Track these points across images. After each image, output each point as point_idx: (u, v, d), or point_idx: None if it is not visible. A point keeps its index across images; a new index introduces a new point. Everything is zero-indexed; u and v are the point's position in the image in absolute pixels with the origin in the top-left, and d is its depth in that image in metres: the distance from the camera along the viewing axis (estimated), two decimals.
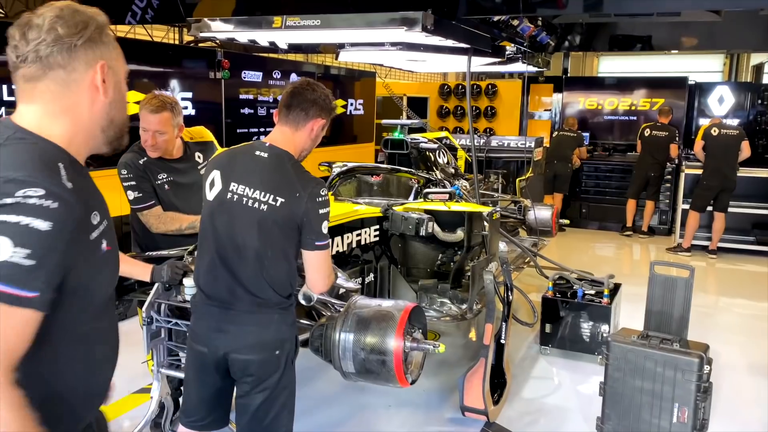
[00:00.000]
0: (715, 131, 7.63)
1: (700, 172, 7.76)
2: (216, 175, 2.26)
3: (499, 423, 3.66)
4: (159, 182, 3.20)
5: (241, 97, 6.28)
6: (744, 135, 7.63)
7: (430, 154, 4.88)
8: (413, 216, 3.65)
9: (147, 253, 2.90)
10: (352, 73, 8.65)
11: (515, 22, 4.15)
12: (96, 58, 1.31)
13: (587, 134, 9.69)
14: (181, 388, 3.51)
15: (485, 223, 3.83)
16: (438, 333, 4.96)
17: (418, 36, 3.26)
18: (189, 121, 5.37)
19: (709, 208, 7.73)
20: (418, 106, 11.57)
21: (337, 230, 3.40)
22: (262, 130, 6.60)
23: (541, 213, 5.64)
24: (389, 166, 4.40)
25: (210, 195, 2.27)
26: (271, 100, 6.72)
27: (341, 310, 2.53)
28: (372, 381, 2.52)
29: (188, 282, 2.57)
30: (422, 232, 3.62)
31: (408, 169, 4.29)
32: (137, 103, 5.07)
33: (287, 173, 2.19)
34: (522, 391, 4.09)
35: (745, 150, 7.53)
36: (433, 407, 3.85)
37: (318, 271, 2.27)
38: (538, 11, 4.27)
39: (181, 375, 2.89)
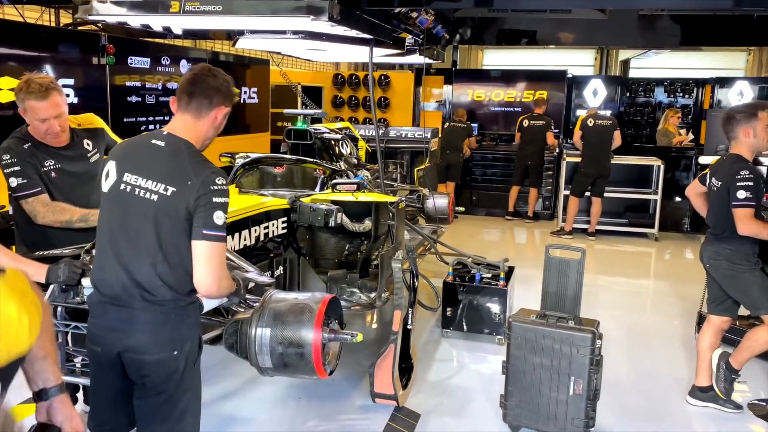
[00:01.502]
0: (591, 122, 8.21)
1: (579, 160, 8.31)
2: (111, 165, 2.16)
3: (408, 407, 3.75)
4: (45, 169, 2.98)
5: (128, 84, 5.93)
6: (616, 125, 8.26)
7: (334, 144, 4.87)
8: (322, 207, 3.64)
9: (39, 252, 2.68)
10: (244, 60, 8.42)
11: (414, 14, 4.23)
12: None
13: (476, 125, 10.07)
14: (76, 395, 3.31)
15: (391, 213, 3.89)
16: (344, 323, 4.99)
17: (323, 25, 3.23)
18: (72, 109, 5.02)
19: (588, 194, 8.31)
20: (312, 95, 11.45)
21: (245, 223, 3.32)
22: (150, 119, 6.28)
23: (439, 201, 5.81)
24: (294, 157, 4.34)
25: (105, 186, 2.17)
26: (159, 88, 6.40)
27: (255, 305, 2.49)
28: (290, 374, 2.51)
29: (87, 282, 2.41)
30: (331, 223, 3.62)
31: (314, 160, 4.25)
32: (11, 90, 4.68)
33: (182, 162, 2.09)
34: (427, 374, 4.22)
35: (617, 139, 8.15)
36: (344, 396, 3.88)
37: (206, 264, 2.06)
38: (436, 4, 4.39)
39: (78, 380, 2.72)
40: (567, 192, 8.48)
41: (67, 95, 5.18)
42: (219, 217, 2.07)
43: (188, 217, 2.06)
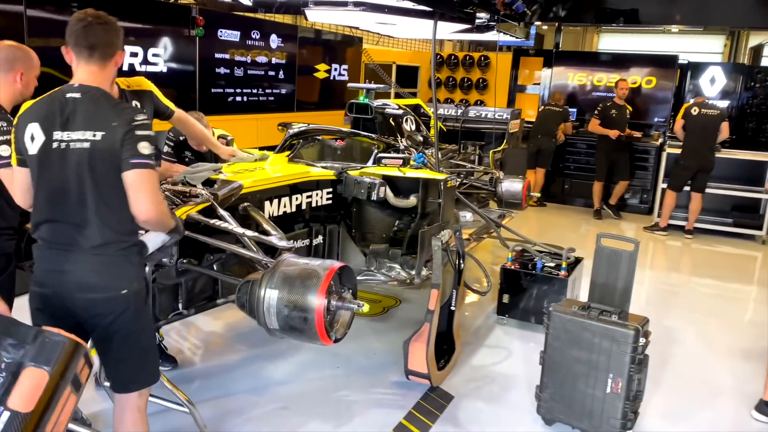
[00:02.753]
0: (695, 110, 7.58)
1: (679, 151, 7.73)
2: (35, 128, 2.19)
3: (443, 388, 3.70)
4: None
5: (216, 56, 6.21)
6: (725, 116, 7.58)
7: (399, 120, 4.83)
8: (365, 180, 3.64)
9: None
10: (338, 37, 8.55)
11: None
12: None
13: (575, 110, 9.61)
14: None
15: (440, 191, 3.82)
16: (399, 299, 5.00)
17: None
18: (161, 79, 5.33)
19: (687, 189, 7.71)
20: (408, 75, 11.48)
21: (285, 190, 3.39)
22: (238, 90, 6.55)
23: (512, 185, 5.63)
24: (348, 130, 4.37)
25: (32, 148, 2.19)
26: (248, 61, 6.65)
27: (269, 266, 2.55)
28: (296, 338, 2.55)
29: None
30: (374, 197, 3.61)
31: (366, 134, 4.25)
32: None
33: (103, 107, 2.19)
34: (472, 359, 4.13)
35: (725, 131, 7.48)
36: (381, 370, 3.90)
37: (139, 191, 2.16)
38: None
39: None
40: (665, 185, 7.92)
41: (155, 64, 5.52)
42: (145, 147, 2.17)
43: (119, 155, 2.16)
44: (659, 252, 7.48)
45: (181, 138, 4.03)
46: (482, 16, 4.61)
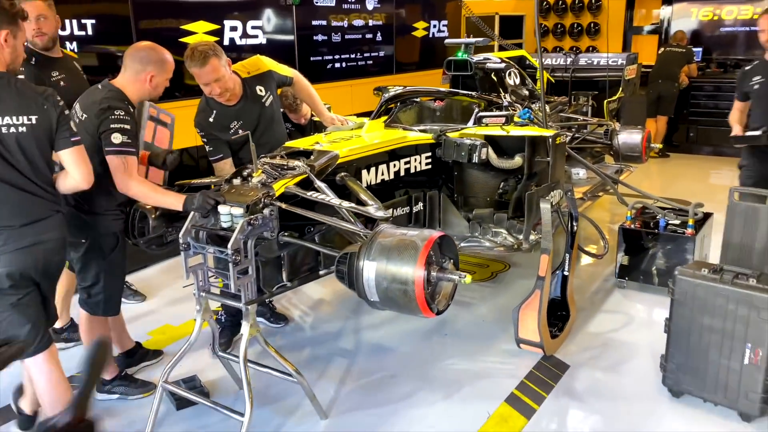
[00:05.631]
0: None
1: None
2: None
3: (558, 357, 3.52)
4: (231, 131, 3.31)
5: (314, 23, 6.17)
6: None
7: (501, 75, 4.57)
8: (466, 142, 3.46)
9: (182, 182, 2.97)
10: None
11: None
12: None
13: (699, 50, 8.72)
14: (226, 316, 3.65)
15: (548, 148, 3.57)
16: (508, 263, 4.81)
17: None
18: (261, 51, 5.39)
19: None
20: (512, 25, 10.91)
21: (383, 157, 3.29)
22: (336, 56, 6.50)
23: (630, 137, 5.19)
24: (446, 90, 4.17)
25: None
26: (345, 26, 6.56)
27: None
28: (396, 310, 2.48)
29: (223, 209, 2.60)
30: (475, 159, 3.42)
31: (466, 92, 4.03)
32: (206, 33, 5.15)
33: (22, 92, 2.34)
34: (588, 326, 3.90)
35: None
36: (491, 338, 3.76)
37: (79, 165, 2.42)
38: None
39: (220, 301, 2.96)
40: None
41: (255, 36, 5.57)
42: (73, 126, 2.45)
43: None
44: None
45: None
46: None
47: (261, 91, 3.37)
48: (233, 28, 5.39)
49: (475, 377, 3.37)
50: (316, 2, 6.17)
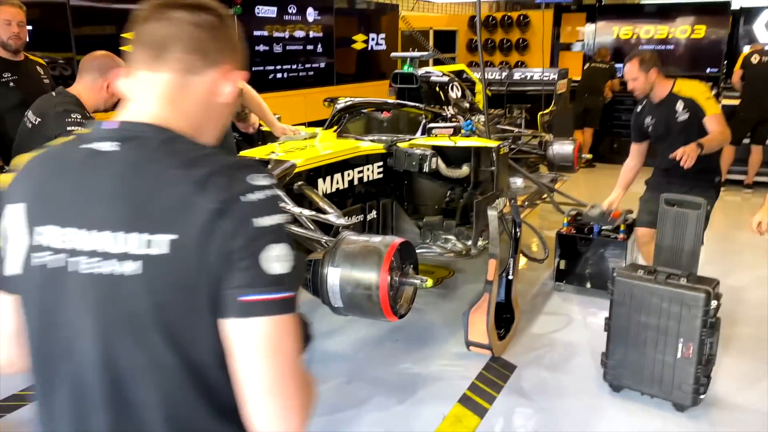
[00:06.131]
0: (755, 58, 7.21)
1: (737, 102, 7.38)
2: (20, 214, 1.02)
3: (505, 358, 3.67)
4: None
5: (255, 33, 6.17)
6: None
7: (444, 87, 4.73)
8: (416, 152, 3.58)
9: None
10: (372, 6, 8.39)
11: None
12: None
13: (621, 65, 9.25)
14: None
15: (493, 158, 3.74)
16: (452, 269, 4.96)
17: None
18: None
19: (747, 141, 7.38)
20: (445, 40, 11.23)
21: (337, 167, 3.36)
22: (278, 67, 6.51)
23: (563, 148, 5.47)
24: (395, 101, 4.29)
25: (13, 264, 1.02)
26: (287, 36, 6.59)
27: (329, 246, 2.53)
28: (360, 315, 2.54)
29: None
30: (426, 168, 3.55)
31: (413, 104, 4.17)
32: None
33: (167, 173, 0.96)
34: (531, 327, 4.08)
35: None
36: (441, 342, 3.88)
37: (275, 381, 0.94)
38: None
39: None
40: None
41: None
42: (279, 261, 0.97)
43: (207, 286, 1.00)
44: (718, 208, 7.18)
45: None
46: None
47: None
48: None
49: (428, 380, 3.47)
50: (258, 13, 6.18)
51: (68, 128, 2.57)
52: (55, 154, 1.05)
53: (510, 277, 3.77)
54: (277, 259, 0.93)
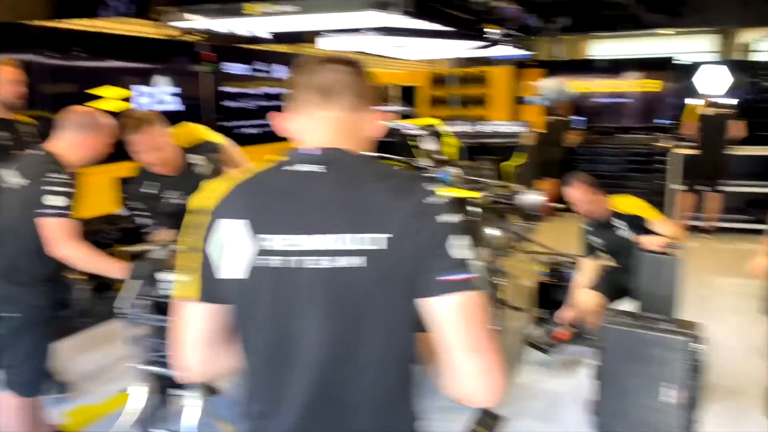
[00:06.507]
0: (711, 111, 7.62)
1: (690, 152, 7.75)
2: (241, 227, 1.20)
3: (492, 410, 3.63)
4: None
5: (227, 90, 6.23)
6: (733, 114, 7.61)
7: (417, 140, 4.82)
8: None
9: (125, 248, 2.87)
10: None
11: (495, 3, 4.11)
12: None
13: (580, 118, 9.67)
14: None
15: (470, 209, 3.79)
16: None
17: (398, 19, 3.21)
18: (177, 117, 5.33)
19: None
20: (405, 95, 11.50)
21: None
22: (251, 122, 6.55)
23: (531, 197, 5.59)
24: (377, 155, 4.33)
25: (235, 269, 1.21)
26: (258, 93, 6.66)
27: None
28: None
29: (168, 277, 2.52)
30: None
31: (395, 157, 4.23)
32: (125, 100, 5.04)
33: (369, 186, 1.21)
34: (516, 377, 4.07)
35: (735, 129, 7.51)
36: (428, 395, 3.81)
37: (475, 342, 1.20)
38: None
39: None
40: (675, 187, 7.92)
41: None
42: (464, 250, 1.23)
43: (411, 275, 1.22)
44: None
45: None
46: (495, 32, 4.61)
47: (197, 160, 3.35)
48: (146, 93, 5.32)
49: None
50: (227, 69, 6.24)
51: (47, 188, 2.53)
52: (262, 179, 1.28)
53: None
54: (459, 248, 1.18)
